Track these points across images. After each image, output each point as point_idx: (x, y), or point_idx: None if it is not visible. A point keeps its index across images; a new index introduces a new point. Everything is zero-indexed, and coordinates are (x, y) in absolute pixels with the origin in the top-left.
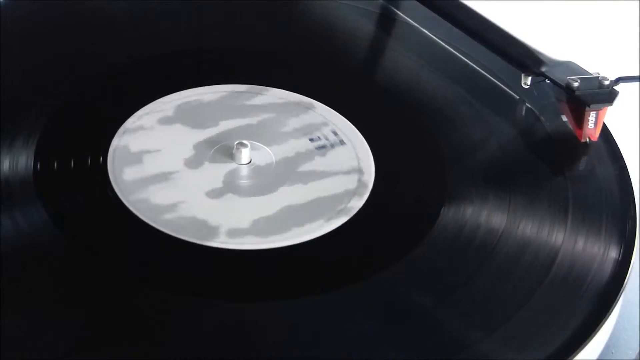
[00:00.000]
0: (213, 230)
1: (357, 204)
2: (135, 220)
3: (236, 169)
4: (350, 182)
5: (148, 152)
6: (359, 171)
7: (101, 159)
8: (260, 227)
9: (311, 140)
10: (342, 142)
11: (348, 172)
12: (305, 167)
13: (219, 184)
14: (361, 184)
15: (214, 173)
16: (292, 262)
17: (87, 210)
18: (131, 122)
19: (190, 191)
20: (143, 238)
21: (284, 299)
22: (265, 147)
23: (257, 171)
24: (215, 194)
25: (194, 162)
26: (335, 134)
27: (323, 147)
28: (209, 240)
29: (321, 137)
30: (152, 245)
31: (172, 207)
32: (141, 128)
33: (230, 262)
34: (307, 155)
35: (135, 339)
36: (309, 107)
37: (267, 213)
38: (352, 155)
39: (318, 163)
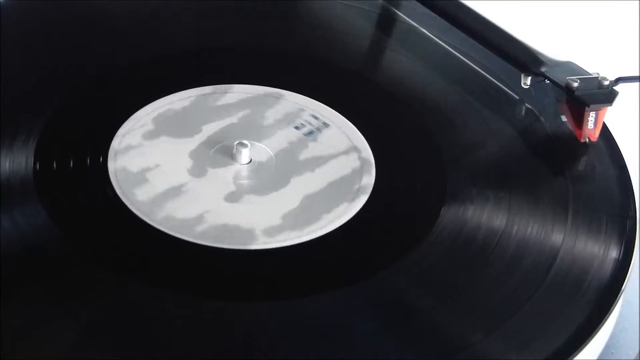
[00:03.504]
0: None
1: (369, 181)
2: (134, 220)
3: (240, 170)
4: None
5: (148, 169)
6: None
7: (101, 158)
8: (291, 221)
9: (296, 128)
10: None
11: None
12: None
13: (231, 186)
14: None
15: (221, 177)
16: (292, 262)
17: (87, 210)
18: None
19: (205, 196)
20: (143, 237)
21: (284, 299)
22: (258, 143)
23: (261, 168)
24: (233, 197)
25: (197, 170)
26: (316, 117)
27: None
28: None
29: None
30: (152, 244)
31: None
32: (130, 147)
33: (230, 262)
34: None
35: (135, 339)
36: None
37: (292, 206)
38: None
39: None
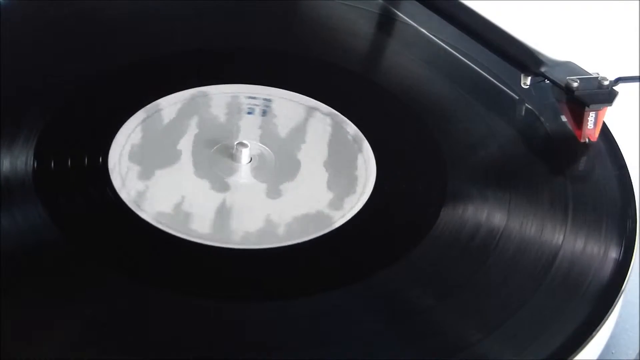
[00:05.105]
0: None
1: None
2: (134, 219)
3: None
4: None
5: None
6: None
7: (101, 158)
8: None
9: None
10: None
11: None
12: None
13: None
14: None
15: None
16: (292, 262)
17: (87, 210)
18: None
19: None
20: (143, 237)
21: (284, 299)
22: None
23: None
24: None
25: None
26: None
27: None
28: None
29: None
30: (152, 244)
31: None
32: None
33: (230, 262)
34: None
35: (135, 339)
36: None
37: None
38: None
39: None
